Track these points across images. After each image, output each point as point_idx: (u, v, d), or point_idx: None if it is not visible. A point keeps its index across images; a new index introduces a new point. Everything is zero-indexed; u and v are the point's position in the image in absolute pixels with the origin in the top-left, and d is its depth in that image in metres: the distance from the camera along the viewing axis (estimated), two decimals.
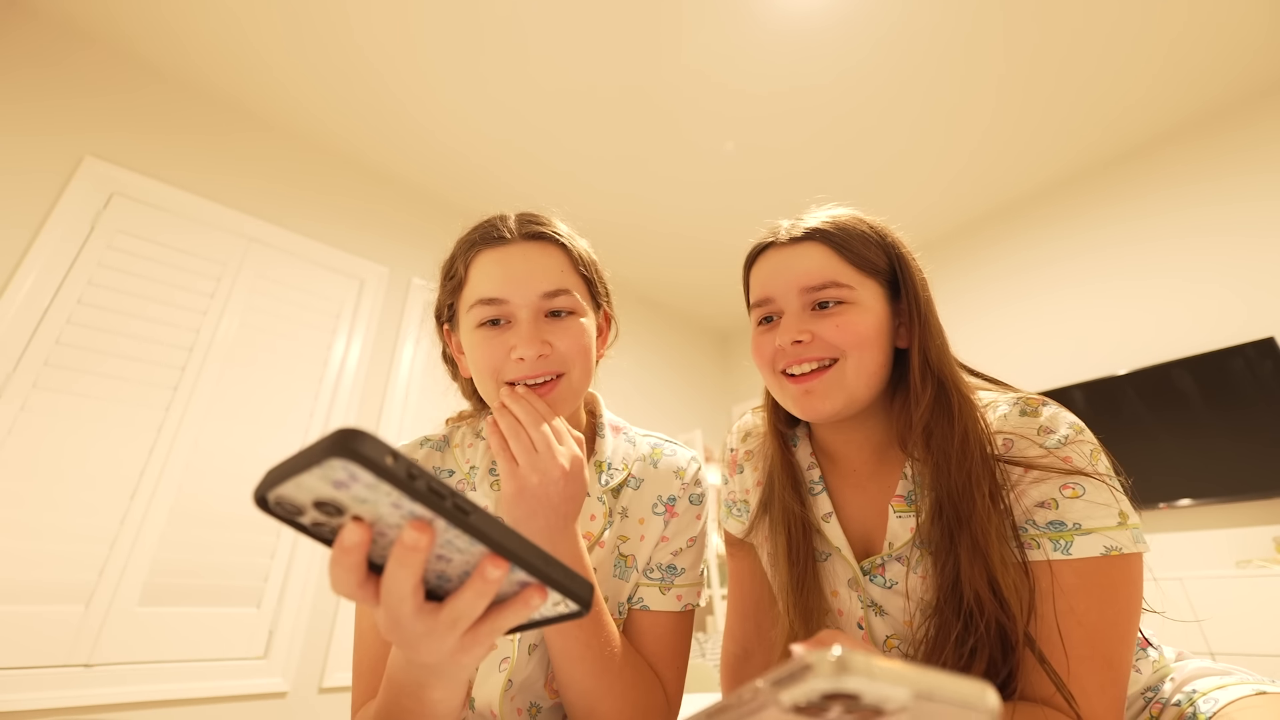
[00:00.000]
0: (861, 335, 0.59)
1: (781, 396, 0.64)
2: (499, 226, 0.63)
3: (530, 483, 0.52)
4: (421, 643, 0.29)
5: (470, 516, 0.25)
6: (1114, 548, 0.50)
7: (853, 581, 0.63)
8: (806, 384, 0.60)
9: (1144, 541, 0.52)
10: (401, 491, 0.23)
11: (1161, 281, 2.34)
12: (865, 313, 0.59)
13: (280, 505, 0.25)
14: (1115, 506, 0.52)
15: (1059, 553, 0.51)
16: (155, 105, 2.10)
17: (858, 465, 0.66)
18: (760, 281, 0.65)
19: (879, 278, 0.62)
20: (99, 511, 1.66)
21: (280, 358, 2.11)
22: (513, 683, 0.60)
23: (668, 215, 2.98)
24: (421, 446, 0.70)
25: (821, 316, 0.60)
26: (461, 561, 0.27)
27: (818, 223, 0.63)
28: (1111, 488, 0.52)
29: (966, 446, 0.55)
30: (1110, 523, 0.51)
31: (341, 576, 0.27)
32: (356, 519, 0.25)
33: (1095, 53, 2.09)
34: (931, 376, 0.59)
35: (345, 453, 0.21)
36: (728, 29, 2.02)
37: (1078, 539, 0.51)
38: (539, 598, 0.29)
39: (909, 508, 0.59)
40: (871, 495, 0.64)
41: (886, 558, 0.60)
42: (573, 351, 0.60)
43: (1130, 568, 0.51)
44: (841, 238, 0.61)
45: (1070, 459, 0.53)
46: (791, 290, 0.61)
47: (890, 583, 0.60)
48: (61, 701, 1.47)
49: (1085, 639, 0.49)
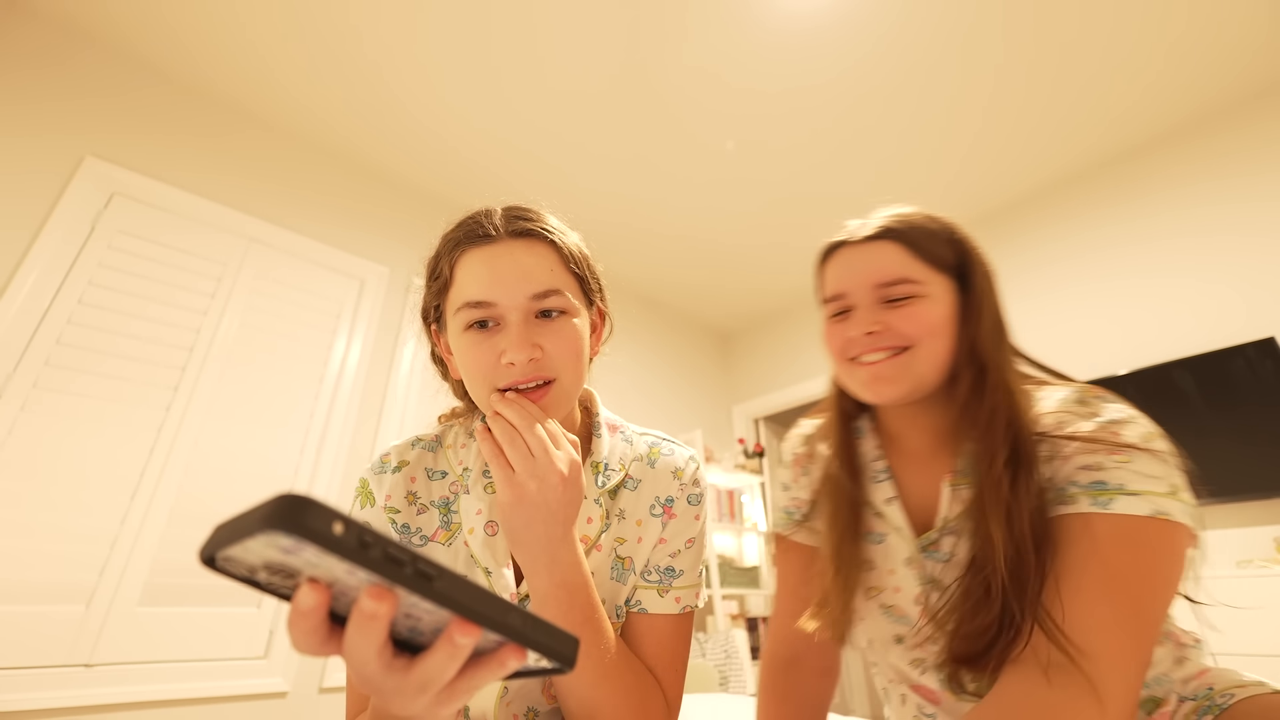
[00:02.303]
0: (931, 325, 0.62)
1: (851, 382, 0.67)
2: (484, 223, 0.59)
3: (528, 489, 0.51)
4: (392, 698, 0.28)
5: (435, 582, 0.23)
6: (1162, 512, 0.49)
7: (910, 560, 0.65)
8: (876, 369, 0.63)
9: (1197, 521, 0.50)
10: (353, 562, 0.21)
11: (1162, 281, 2.34)
12: (934, 304, 0.62)
13: (230, 564, 0.23)
14: (1167, 479, 0.51)
15: (1096, 507, 0.50)
16: (156, 105, 2.10)
17: (919, 447, 0.69)
18: (834, 277, 0.68)
19: (948, 272, 0.64)
20: (99, 511, 1.66)
21: (280, 358, 2.11)
22: (508, 689, 0.59)
23: (670, 215, 2.98)
24: (414, 447, 0.68)
25: (892, 309, 0.63)
26: (433, 620, 0.25)
27: (889, 221, 0.66)
28: (1167, 463, 0.51)
29: (993, 421, 0.58)
30: (1160, 489, 0.50)
31: (301, 639, 0.26)
32: (313, 580, 0.24)
33: (1095, 52, 2.09)
34: (974, 361, 0.62)
35: (285, 526, 0.19)
36: (729, 28, 2.02)
37: (1121, 498, 0.50)
38: (516, 659, 0.27)
39: (963, 480, 0.62)
40: (931, 475, 0.67)
41: (941, 532, 0.63)
42: (564, 354, 0.58)
43: (1175, 536, 0.49)
44: (912, 235, 0.64)
45: (1120, 435, 0.53)
46: (864, 285, 0.64)
47: (948, 555, 0.62)
48: (61, 701, 1.47)
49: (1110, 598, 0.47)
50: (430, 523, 0.64)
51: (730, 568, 3.12)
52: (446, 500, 0.65)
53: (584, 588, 0.54)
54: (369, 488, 0.65)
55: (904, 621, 0.66)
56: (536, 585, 0.53)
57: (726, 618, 2.90)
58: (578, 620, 0.52)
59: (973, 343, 0.62)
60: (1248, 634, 1.64)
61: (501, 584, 0.60)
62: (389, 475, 0.65)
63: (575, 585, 0.53)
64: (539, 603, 0.53)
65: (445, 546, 0.63)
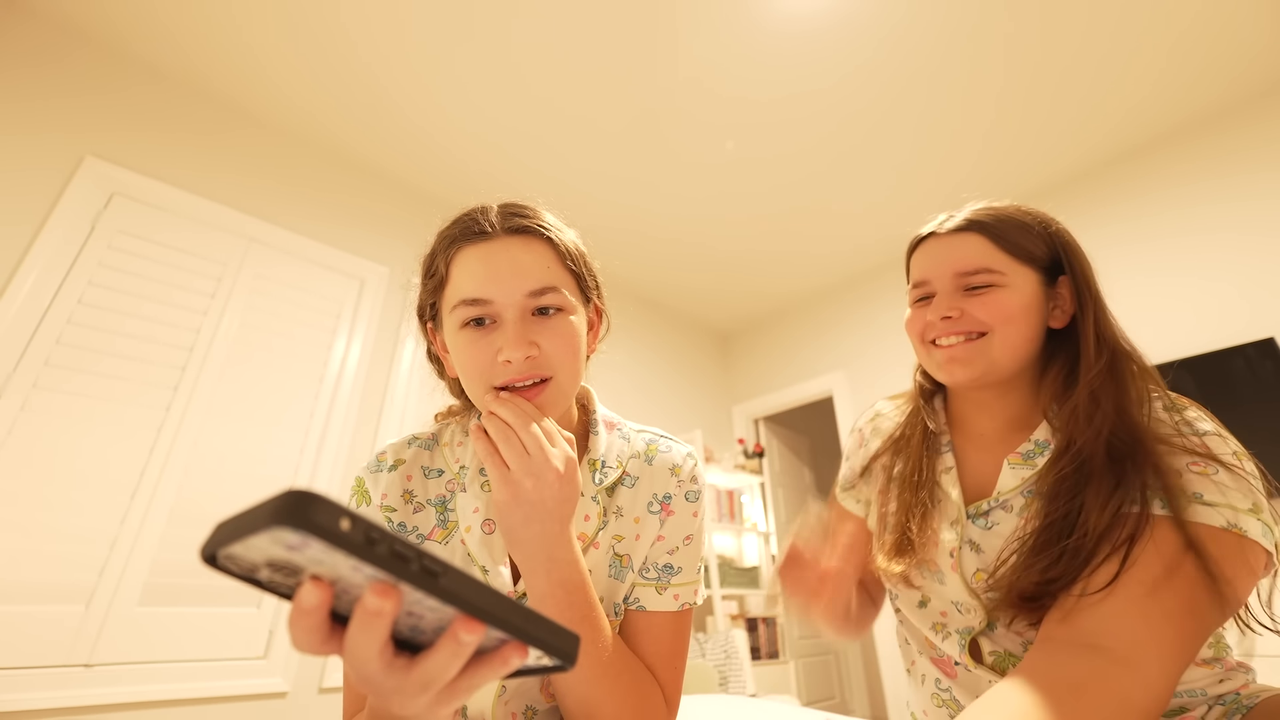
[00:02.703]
0: (1008, 313, 0.64)
1: (928, 363, 0.71)
2: (480, 220, 0.59)
3: (524, 487, 0.50)
4: (392, 698, 0.28)
5: (440, 579, 0.23)
6: (1236, 526, 0.48)
7: (955, 522, 0.68)
8: (950, 351, 0.66)
9: (1273, 544, 0.49)
10: (360, 558, 0.21)
11: (1162, 282, 2.34)
12: (1015, 293, 0.64)
13: (231, 561, 0.23)
14: (1251, 497, 0.51)
15: (1169, 510, 0.51)
16: (155, 105, 2.10)
17: (988, 431, 0.71)
18: (919, 265, 0.71)
19: (1034, 264, 0.66)
20: (99, 511, 1.66)
21: (280, 357, 2.11)
22: (506, 688, 0.59)
23: (670, 219, 2.98)
24: (410, 445, 0.68)
25: (972, 296, 0.65)
26: (435, 618, 0.25)
27: (975, 214, 0.68)
28: (1251, 483, 0.52)
29: (1136, 409, 0.59)
30: (1241, 505, 0.50)
31: (301, 638, 0.25)
32: (315, 578, 0.24)
33: (1098, 53, 2.09)
34: (1106, 347, 0.64)
35: (292, 521, 0.19)
36: (727, 35, 2.02)
37: (1196, 506, 0.50)
38: (519, 657, 0.27)
39: (1025, 462, 0.64)
40: (993, 455, 0.69)
41: (993, 503, 0.66)
42: (561, 353, 0.57)
43: (1247, 552, 0.48)
44: (998, 228, 0.66)
45: (1208, 447, 0.54)
46: (946, 274, 0.67)
47: (992, 524, 0.65)
48: (61, 701, 1.47)
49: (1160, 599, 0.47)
50: (427, 521, 0.64)
51: (730, 568, 3.12)
52: (443, 498, 0.65)
53: (581, 586, 0.53)
54: (365, 486, 0.65)
55: (936, 578, 0.68)
56: (534, 584, 0.53)
57: (726, 618, 2.90)
58: (576, 618, 0.52)
59: (1098, 330, 0.64)
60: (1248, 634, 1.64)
61: (498, 582, 0.59)
62: (385, 474, 0.65)
63: (573, 583, 0.53)
64: (536, 601, 0.53)
65: (442, 545, 0.62)
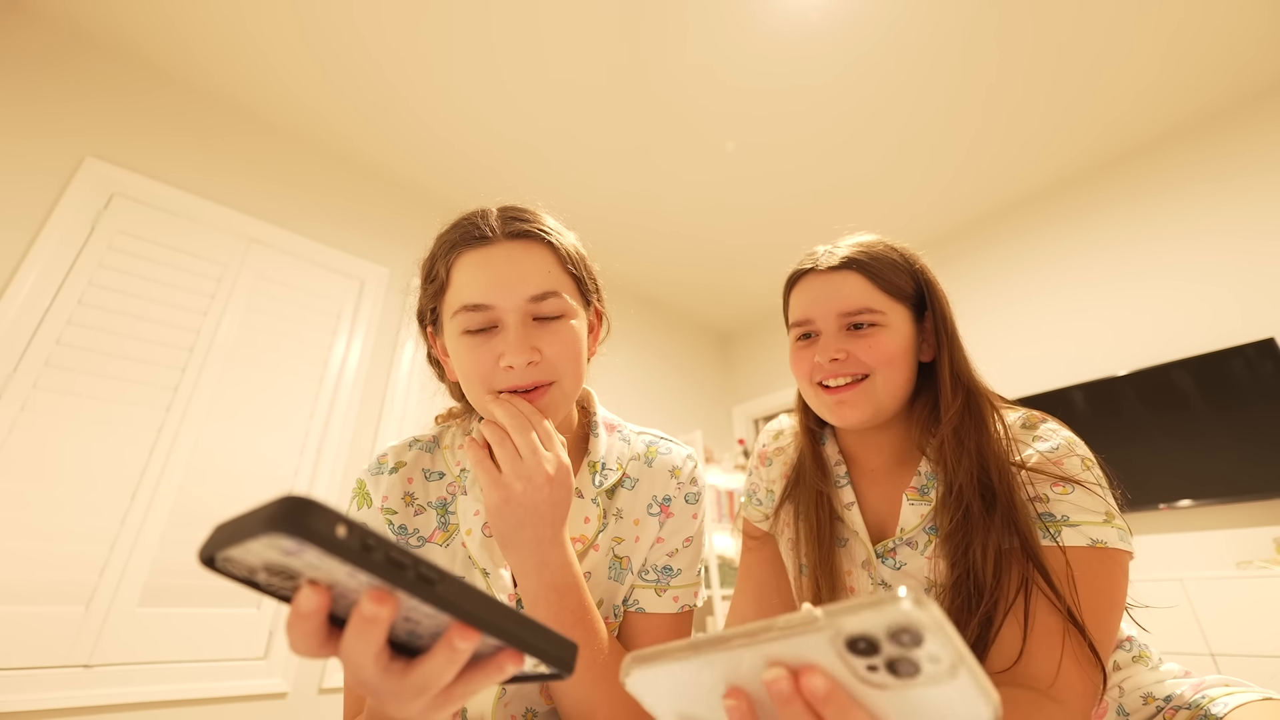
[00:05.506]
0: (890, 355, 0.66)
1: (817, 405, 0.72)
2: (480, 225, 0.59)
3: (515, 491, 0.50)
4: (388, 701, 0.28)
5: (436, 586, 0.23)
6: (1099, 540, 0.55)
7: (866, 563, 0.70)
8: (840, 395, 0.68)
9: (1129, 542, 0.56)
10: (355, 565, 0.21)
11: (1161, 282, 2.34)
12: (894, 334, 0.67)
13: (230, 564, 0.23)
14: (1104, 505, 0.57)
15: (1048, 540, 0.56)
16: (156, 106, 2.10)
17: (876, 465, 0.74)
18: (800, 304, 0.72)
19: (906, 301, 0.69)
20: (99, 512, 1.66)
21: (281, 358, 2.11)
22: (506, 691, 0.59)
23: (669, 213, 2.98)
24: (411, 448, 0.68)
25: (856, 337, 0.67)
26: (432, 624, 0.25)
27: (853, 252, 0.70)
28: (1099, 494, 0.57)
29: (996, 446, 0.62)
30: (1097, 518, 0.56)
31: (299, 641, 0.26)
32: (313, 582, 0.24)
33: (1092, 52, 2.09)
34: (961, 386, 0.67)
35: (288, 528, 0.19)
36: (729, 27, 2.02)
37: (1065, 529, 0.56)
38: (514, 664, 0.27)
39: (922, 498, 0.67)
40: (888, 490, 0.71)
41: (898, 541, 0.67)
42: (563, 358, 0.57)
43: (1114, 562, 0.55)
44: (874, 266, 0.69)
45: (1062, 464, 0.59)
46: (830, 314, 0.69)
47: (900, 564, 0.67)
48: (62, 702, 1.47)
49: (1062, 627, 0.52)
50: (428, 524, 0.64)
51: (730, 568, 3.12)
52: (444, 501, 0.65)
53: (574, 589, 0.53)
54: (366, 489, 0.65)
55: None
56: (526, 587, 0.53)
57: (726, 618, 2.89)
58: (569, 622, 0.52)
59: (954, 369, 0.67)
60: (1248, 635, 1.64)
61: (499, 585, 0.60)
62: (386, 476, 0.65)
63: (565, 586, 0.53)
64: (529, 604, 0.53)
65: (443, 548, 0.62)
